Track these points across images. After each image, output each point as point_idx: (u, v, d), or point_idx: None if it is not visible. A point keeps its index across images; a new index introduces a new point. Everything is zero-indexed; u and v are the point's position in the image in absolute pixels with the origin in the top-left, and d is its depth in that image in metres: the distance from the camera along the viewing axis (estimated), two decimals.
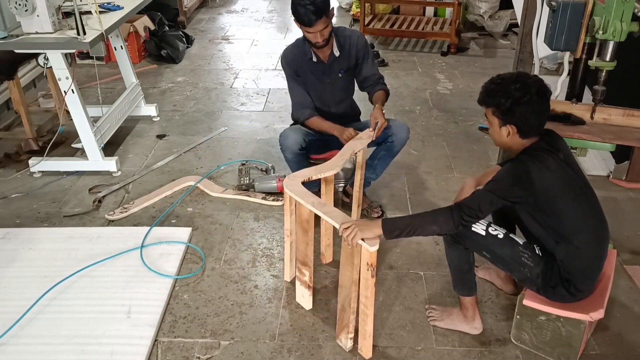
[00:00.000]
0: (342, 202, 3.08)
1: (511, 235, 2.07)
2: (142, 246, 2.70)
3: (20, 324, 2.26)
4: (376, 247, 1.91)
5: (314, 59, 2.78)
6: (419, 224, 1.99)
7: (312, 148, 2.87)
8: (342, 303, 2.14)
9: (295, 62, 2.82)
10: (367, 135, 2.62)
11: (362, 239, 1.92)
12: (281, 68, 2.93)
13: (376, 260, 1.94)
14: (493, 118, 1.98)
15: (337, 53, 2.77)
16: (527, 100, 1.88)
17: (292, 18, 2.65)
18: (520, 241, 2.05)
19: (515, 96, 1.89)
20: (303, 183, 2.28)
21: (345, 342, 2.17)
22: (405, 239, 2.72)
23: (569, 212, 1.94)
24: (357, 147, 2.57)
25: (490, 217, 2.26)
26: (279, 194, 3.12)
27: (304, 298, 2.39)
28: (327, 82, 2.85)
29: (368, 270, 1.94)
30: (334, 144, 2.90)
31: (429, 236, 2.62)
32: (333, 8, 2.64)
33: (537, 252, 2.02)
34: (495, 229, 2.05)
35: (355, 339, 2.17)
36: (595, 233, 1.99)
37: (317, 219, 2.25)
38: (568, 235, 1.94)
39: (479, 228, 2.04)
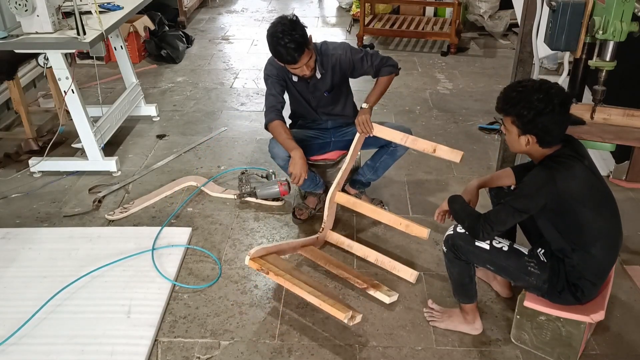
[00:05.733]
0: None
1: (515, 245, 2.04)
2: (153, 249, 2.69)
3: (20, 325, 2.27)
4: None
5: (295, 79, 2.68)
6: (458, 215, 2.06)
7: (311, 149, 2.81)
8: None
9: (281, 71, 2.67)
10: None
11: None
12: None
13: None
14: (512, 127, 1.89)
15: (319, 76, 2.64)
16: (550, 111, 1.80)
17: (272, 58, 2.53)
18: (525, 251, 2.03)
19: (537, 107, 1.80)
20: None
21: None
22: (403, 238, 2.72)
23: (590, 221, 1.88)
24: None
25: None
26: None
27: None
28: (314, 96, 2.75)
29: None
30: (334, 145, 2.89)
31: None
32: (311, 35, 2.50)
33: (542, 258, 1.99)
34: (500, 242, 2.03)
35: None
36: (612, 241, 1.96)
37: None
38: (586, 244, 1.90)
39: (483, 242, 2.02)
